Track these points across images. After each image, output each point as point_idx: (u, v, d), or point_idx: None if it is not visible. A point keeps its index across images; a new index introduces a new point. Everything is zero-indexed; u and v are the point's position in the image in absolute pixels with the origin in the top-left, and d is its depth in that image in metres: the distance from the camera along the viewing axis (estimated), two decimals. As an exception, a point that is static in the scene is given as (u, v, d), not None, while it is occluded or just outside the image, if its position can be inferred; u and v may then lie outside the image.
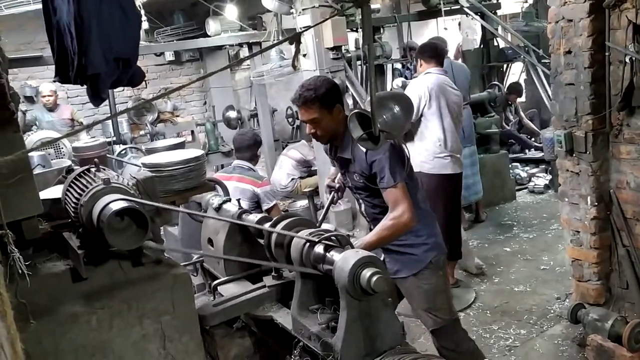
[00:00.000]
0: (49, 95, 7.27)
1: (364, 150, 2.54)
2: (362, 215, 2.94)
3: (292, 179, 6.54)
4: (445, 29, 6.75)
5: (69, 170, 2.02)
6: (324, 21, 4.60)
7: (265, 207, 4.07)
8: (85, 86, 2.08)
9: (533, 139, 7.83)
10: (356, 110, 2.17)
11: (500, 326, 3.93)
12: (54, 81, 2.15)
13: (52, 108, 7.35)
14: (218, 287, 2.51)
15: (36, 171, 2.26)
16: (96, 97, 2.07)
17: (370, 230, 2.80)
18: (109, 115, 7.12)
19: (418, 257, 2.74)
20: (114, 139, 7.10)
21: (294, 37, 1.92)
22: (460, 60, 7.76)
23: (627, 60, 3.14)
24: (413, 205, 2.58)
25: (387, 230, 2.57)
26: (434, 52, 4.41)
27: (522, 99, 8.32)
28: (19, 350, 0.69)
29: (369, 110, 2.04)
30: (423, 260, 2.74)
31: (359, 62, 6.39)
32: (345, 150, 2.68)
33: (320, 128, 2.64)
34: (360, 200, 2.85)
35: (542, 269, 4.76)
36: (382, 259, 2.87)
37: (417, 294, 2.80)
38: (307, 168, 6.67)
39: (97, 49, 1.89)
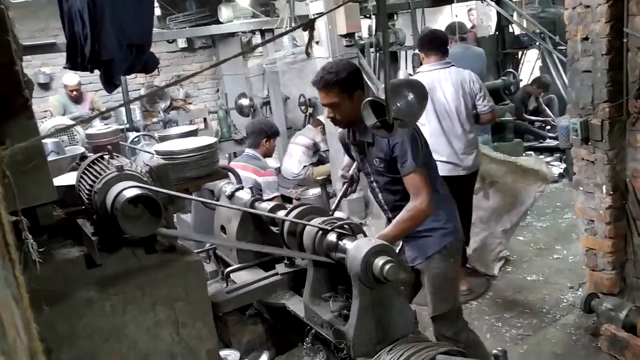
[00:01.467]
0: (75, 89, 7.32)
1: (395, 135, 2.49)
2: (380, 205, 2.85)
3: (304, 166, 6.53)
4: (456, 15, 6.66)
5: (83, 157, 2.02)
6: (337, 7, 4.57)
7: (265, 197, 4.08)
8: (95, 72, 2.08)
9: (548, 127, 7.75)
10: (370, 98, 2.15)
11: (513, 315, 3.92)
12: (65, 67, 2.16)
13: (77, 100, 7.39)
14: (231, 275, 2.52)
15: (50, 158, 2.27)
16: (110, 84, 2.07)
17: (389, 220, 2.74)
18: (122, 102, 7.14)
19: (433, 240, 2.71)
20: (127, 126, 7.12)
21: (308, 24, 1.90)
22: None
23: (646, 47, 3.09)
24: (432, 190, 2.57)
25: (409, 222, 2.52)
26: (432, 44, 4.05)
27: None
28: (34, 333, 0.70)
29: (383, 97, 2.02)
30: (437, 245, 2.70)
31: (372, 49, 6.34)
32: (366, 134, 2.62)
33: (339, 112, 2.60)
34: (378, 189, 2.78)
35: (555, 258, 4.72)
36: (400, 246, 2.84)
37: (426, 279, 2.77)
38: (316, 152, 6.66)
39: (111, 35, 1.90)
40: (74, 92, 7.32)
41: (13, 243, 0.67)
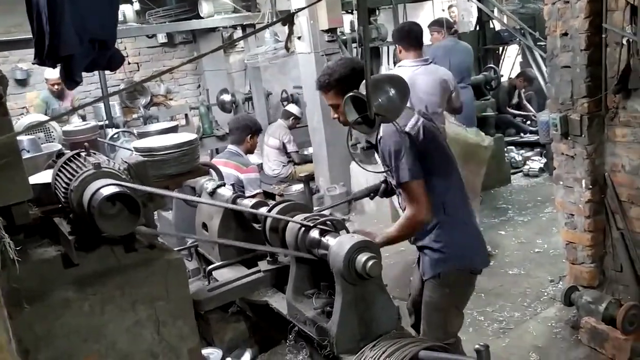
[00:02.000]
0: (57, 83, 7.12)
1: (384, 143, 2.38)
2: (399, 209, 2.73)
3: (283, 165, 6.49)
4: (443, 10, 6.69)
5: (59, 154, 1.98)
6: (317, 1, 4.54)
7: (248, 194, 4.06)
8: (58, 67, 2.00)
9: (528, 122, 7.83)
10: (351, 94, 2.14)
11: (495, 309, 3.95)
12: (33, 63, 2.07)
13: (60, 95, 7.20)
14: (213, 272, 2.50)
15: (25, 155, 2.23)
16: (70, 81, 1.99)
17: None
18: (99, 97, 7.03)
19: (429, 261, 2.53)
20: (107, 122, 7.02)
21: (287, 18, 1.88)
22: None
23: (624, 42, 3.12)
24: (435, 200, 2.41)
25: (404, 229, 2.43)
26: (410, 37, 4.06)
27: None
28: (3, 340, 0.67)
29: (364, 93, 2.01)
30: (431, 269, 2.52)
31: (354, 45, 6.33)
32: (371, 135, 2.49)
33: (340, 114, 2.46)
34: (397, 192, 2.61)
35: (536, 252, 4.77)
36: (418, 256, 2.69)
37: (422, 302, 2.64)
38: (290, 152, 6.52)
39: (70, 29, 1.81)
40: (56, 86, 7.11)
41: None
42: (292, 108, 6.71)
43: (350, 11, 6.59)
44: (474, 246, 2.60)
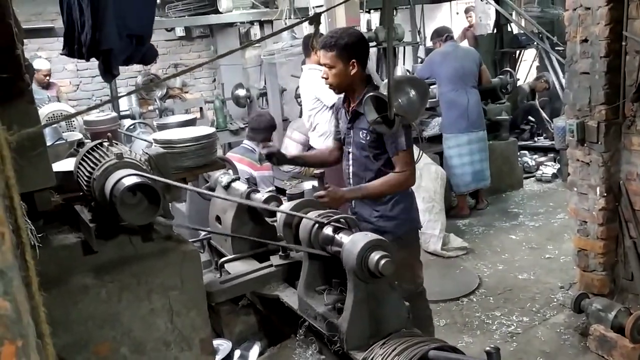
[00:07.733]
0: (48, 74, 7.26)
1: None
2: (348, 177, 2.97)
3: None
4: (457, 13, 6.70)
5: (80, 143, 2.02)
6: (342, 3, 4.53)
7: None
8: (90, 61, 2.07)
9: (539, 130, 7.76)
10: (371, 93, 2.16)
11: (503, 313, 3.95)
12: (62, 54, 2.14)
13: (46, 86, 7.33)
14: (225, 265, 2.53)
15: (48, 143, 2.26)
16: (107, 74, 2.06)
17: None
18: (123, 94, 7.08)
19: (389, 230, 2.81)
20: (124, 113, 7.08)
21: (314, 18, 1.90)
22: (467, 44, 7.70)
23: (644, 50, 3.11)
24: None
25: (388, 188, 2.75)
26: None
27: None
28: (42, 315, 0.70)
29: (385, 93, 2.03)
30: (393, 234, 2.78)
31: (371, 44, 6.33)
32: (360, 105, 2.68)
33: (331, 75, 2.70)
34: (352, 161, 2.89)
35: (546, 257, 4.76)
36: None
37: None
38: (310, 149, 6.53)
39: (112, 25, 1.88)
40: (47, 77, 7.27)
41: (24, 227, 0.68)
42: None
43: (367, 10, 6.58)
44: (417, 209, 3.03)
